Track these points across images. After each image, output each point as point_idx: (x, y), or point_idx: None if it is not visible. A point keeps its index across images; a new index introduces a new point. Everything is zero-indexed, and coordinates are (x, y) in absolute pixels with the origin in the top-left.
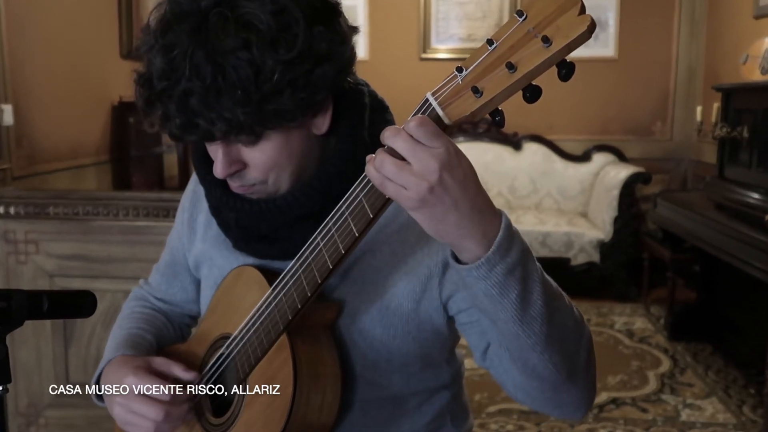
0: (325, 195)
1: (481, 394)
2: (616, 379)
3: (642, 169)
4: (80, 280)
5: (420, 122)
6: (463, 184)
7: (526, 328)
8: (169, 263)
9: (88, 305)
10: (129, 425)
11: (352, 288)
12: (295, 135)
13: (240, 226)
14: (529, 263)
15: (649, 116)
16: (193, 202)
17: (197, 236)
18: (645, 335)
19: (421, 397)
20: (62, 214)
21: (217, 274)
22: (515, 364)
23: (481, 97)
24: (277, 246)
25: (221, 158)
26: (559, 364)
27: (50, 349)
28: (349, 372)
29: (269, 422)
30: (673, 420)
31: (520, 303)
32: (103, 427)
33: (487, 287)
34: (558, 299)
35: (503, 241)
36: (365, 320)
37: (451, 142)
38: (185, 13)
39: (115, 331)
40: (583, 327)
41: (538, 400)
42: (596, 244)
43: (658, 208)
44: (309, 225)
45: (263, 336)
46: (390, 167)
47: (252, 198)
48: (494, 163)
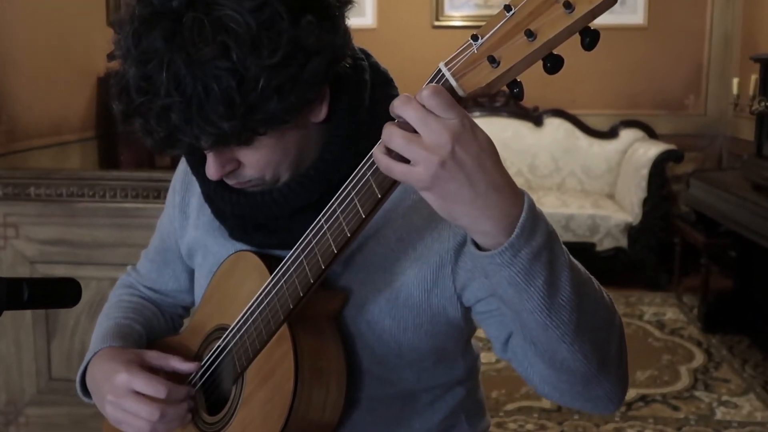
0: (322, 184)
1: (498, 391)
2: (645, 375)
3: (673, 147)
4: (64, 266)
5: (434, 91)
6: (479, 158)
7: (554, 317)
8: (159, 249)
9: (72, 294)
10: (122, 425)
11: (358, 276)
12: (291, 131)
13: (236, 215)
14: (555, 246)
15: (681, 89)
16: (185, 184)
17: (190, 221)
18: (677, 327)
19: (433, 393)
20: (44, 196)
21: (212, 262)
22: (542, 356)
23: (498, 67)
24: (276, 236)
25: (213, 161)
26: (590, 355)
27: (31, 342)
28: (356, 367)
29: (267, 421)
30: (707, 419)
31: (547, 290)
32: (89, 426)
33: (512, 274)
34: (587, 284)
35: (527, 222)
36: (373, 311)
37: (466, 114)
38: (157, 15)
39: (102, 321)
40: (614, 314)
41: (568, 395)
42: (624, 228)
43: (690, 189)
44: (309, 215)
45: (262, 327)
46: (399, 139)
47: (248, 191)
48: (513, 140)
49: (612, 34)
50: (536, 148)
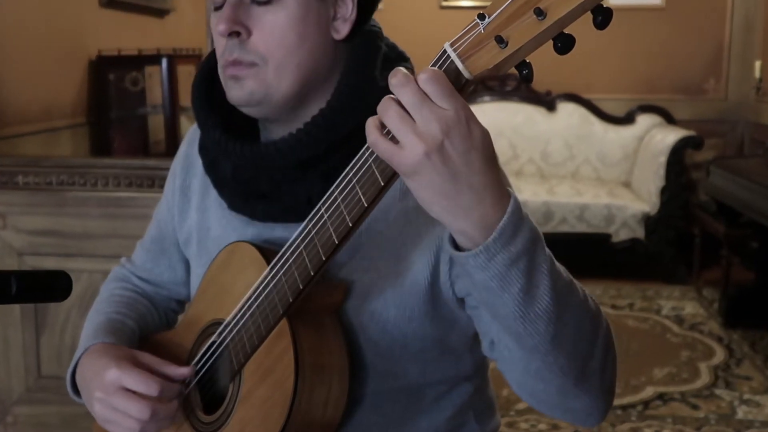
0: (330, 133)
1: (509, 389)
2: (663, 372)
3: (693, 133)
4: (53, 258)
5: (432, 76)
6: (467, 156)
7: (528, 327)
8: (155, 238)
9: (63, 287)
10: (110, 424)
11: (362, 263)
12: (313, 17)
13: (237, 180)
14: (537, 253)
15: (700, 72)
16: (186, 167)
17: (192, 204)
18: (696, 321)
19: (439, 389)
20: (33, 184)
21: (212, 247)
22: (516, 363)
23: (507, 47)
24: (278, 204)
25: (228, 10)
26: (566, 368)
27: (19, 338)
28: (359, 361)
29: (267, 420)
30: (728, 418)
31: (523, 298)
32: (80, 426)
33: (486, 279)
34: (571, 294)
35: (507, 227)
36: (377, 300)
37: (464, 105)
38: None
39: (93, 316)
40: (599, 326)
41: (545, 404)
42: (641, 218)
43: (711, 177)
44: (314, 179)
45: (260, 321)
46: (393, 116)
47: (253, 148)
48: (525, 126)
49: (629, 15)
50: (549, 134)
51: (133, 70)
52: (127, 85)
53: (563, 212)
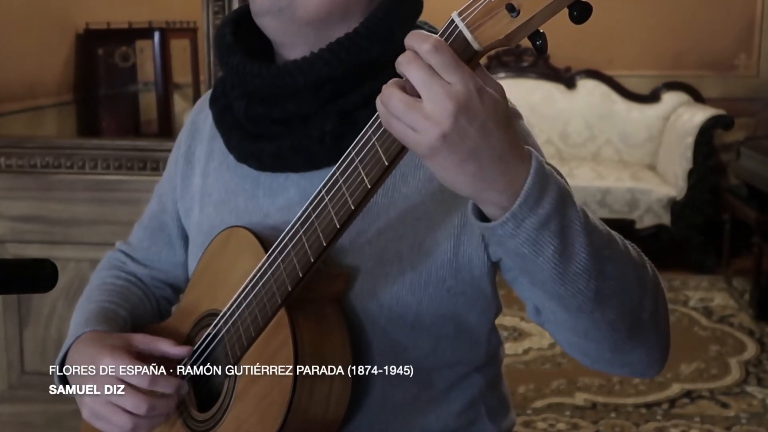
0: (351, 55)
1: (526, 386)
2: (690, 368)
3: (722, 112)
4: (38, 246)
5: (436, 45)
6: (484, 129)
7: (569, 288)
8: (155, 213)
9: (48, 277)
10: (101, 420)
11: (375, 223)
12: None
13: (249, 117)
14: (567, 211)
15: (730, 47)
16: (191, 133)
17: (196, 170)
18: (726, 314)
19: (449, 376)
20: (16, 167)
21: (213, 214)
22: (563, 325)
23: (518, 16)
24: (288, 144)
25: None
26: (616, 322)
27: (1, 331)
28: (365, 338)
29: (265, 418)
30: (760, 417)
31: (558, 260)
32: (66, 426)
33: (517, 245)
34: (609, 247)
35: (532, 189)
36: (393, 264)
37: (471, 75)
38: None
39: (83, 305)
40: (644, 273)
41: (600, 361)
42: (666, 203)
43: (741, 159)
44: (329, 114)
45: (258, 312)
46: (397, 104)
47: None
48: (543, 105)
49: None
50: (568, 113)
51: (123, 44)
52: (116, 61)
53: (583, 197)
